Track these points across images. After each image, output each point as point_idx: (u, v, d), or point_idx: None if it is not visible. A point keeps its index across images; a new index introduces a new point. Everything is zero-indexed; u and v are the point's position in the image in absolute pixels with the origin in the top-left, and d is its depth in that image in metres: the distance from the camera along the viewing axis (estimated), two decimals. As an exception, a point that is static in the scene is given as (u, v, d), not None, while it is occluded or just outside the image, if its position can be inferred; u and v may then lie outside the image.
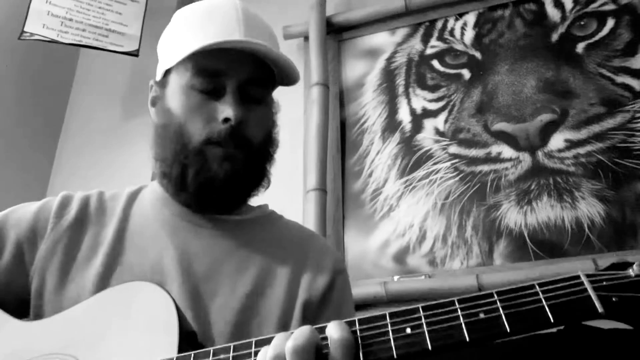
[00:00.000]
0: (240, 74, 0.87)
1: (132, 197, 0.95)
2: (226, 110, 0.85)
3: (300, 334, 0.59)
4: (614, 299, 0.51)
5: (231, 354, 0.63)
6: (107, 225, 0.90)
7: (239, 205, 0.95)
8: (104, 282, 0.82)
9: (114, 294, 0.78)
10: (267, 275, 0.87)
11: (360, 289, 1.54)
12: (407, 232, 1.68)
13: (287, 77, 0.93)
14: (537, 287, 0.55)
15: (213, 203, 0.89)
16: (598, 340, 1.17)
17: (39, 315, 0.82)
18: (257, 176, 0.92)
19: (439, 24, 1.92)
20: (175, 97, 0.89)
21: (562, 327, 1.23)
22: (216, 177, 0.84)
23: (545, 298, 0.54)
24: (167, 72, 0.92)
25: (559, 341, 1.19)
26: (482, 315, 0.56)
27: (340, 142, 1.91)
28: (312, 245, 0.96)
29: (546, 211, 1.55)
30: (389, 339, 0.58)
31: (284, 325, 0.83)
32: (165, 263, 0.84)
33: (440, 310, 0.58)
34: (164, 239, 0.87)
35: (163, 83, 0.92)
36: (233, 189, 0.87)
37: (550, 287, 0.55)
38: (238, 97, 0.87)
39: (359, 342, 0.59)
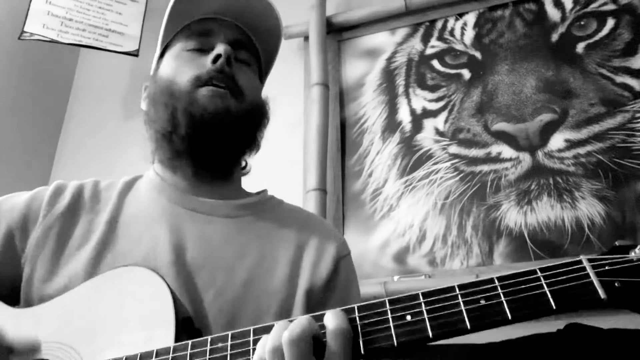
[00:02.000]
0: (228, 34, 0.93)
1: (128, 186, 0.94)
2: (216, 49, 0.89)
3: (297, 324, 0.58)
4: (616, 284, 0.50)
5: (229, 342, 0.62)
6: (101, 213, 0.88)
7: (232, 158, 0.94)
8: (95, 268, 0.80)
9: (107, 280, 0.76)
10: (267, 262, 0.85)
11: (360, 289, 1.52)
12: (407, 232, 1.68)
13: (268, 32, 0.98)
14: (538, 272, 0.54)
15: (207, 143, 0.87)
16: (598, 340, 1.17)
17: (29, 303, 0.80)
18: (249, 132, 0.92)
19: (439, 24, 1.92)
20: (168, 65, 0.93)
21: (562, 328, 1.21)
22: (206, 109, 0.85)
23: (547, 284, 0.53)
24: (161, 57, 0.96)
25: (560, 341, 1.18)
26: (483, 302, 0.55)
27: (340, 142, 1.90)
28: (314, 229, 0.94)
29: (546, 211, 1.54)
30: (389, 327, 0.57)
31: (285, 314, 0.81)
32: (159, 250, 0.82)
33: (440, 297, 0.57)
34: (158, 226, 0.85)
35: (156, 68, 0.97)
36: (225, 126, 0.86)
37: (551, 272, 0.54)
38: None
39: (359, 330, 0.58)
